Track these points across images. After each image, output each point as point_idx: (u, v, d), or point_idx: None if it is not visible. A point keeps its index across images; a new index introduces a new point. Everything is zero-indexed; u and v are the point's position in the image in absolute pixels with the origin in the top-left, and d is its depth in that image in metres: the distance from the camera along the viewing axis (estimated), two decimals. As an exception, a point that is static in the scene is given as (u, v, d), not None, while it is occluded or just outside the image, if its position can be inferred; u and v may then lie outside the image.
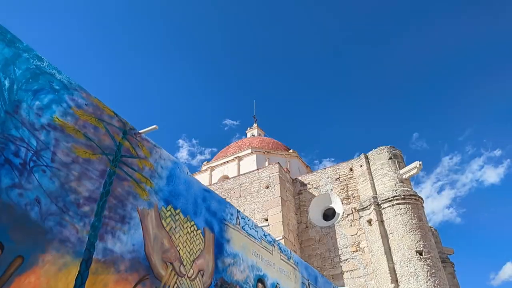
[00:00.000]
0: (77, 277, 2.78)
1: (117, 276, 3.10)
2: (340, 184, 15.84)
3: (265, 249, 5.75)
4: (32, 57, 2.89)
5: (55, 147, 2.86)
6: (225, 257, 4.71)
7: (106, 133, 3.35)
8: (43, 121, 2.83)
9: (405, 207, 13.14)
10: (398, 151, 15.17)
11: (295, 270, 6.58)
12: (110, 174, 3.30)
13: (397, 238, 12.67)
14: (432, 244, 12.64)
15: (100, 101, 3.36)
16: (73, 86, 3.14)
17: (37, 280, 2.51)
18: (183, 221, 4.13)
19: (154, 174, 3.87)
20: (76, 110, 3.11)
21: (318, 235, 15.20)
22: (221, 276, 4.51)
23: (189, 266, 4.00)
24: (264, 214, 15.15)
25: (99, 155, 3.23)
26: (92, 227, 3.01)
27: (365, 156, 15.57)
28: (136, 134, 3.73)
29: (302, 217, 16.00)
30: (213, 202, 4.88)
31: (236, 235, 5.14)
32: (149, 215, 3.65)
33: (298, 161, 22.64)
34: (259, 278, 5.31)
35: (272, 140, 24.51)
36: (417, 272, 11.77)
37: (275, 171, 16.23)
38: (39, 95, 2.86)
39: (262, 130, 28.24)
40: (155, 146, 4.00)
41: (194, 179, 4.64)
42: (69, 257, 2.76)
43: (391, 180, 14.14)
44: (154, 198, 3.78)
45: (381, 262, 12.64)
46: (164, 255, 3.69)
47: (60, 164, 2.86)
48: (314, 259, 14.65)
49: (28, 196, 2.58)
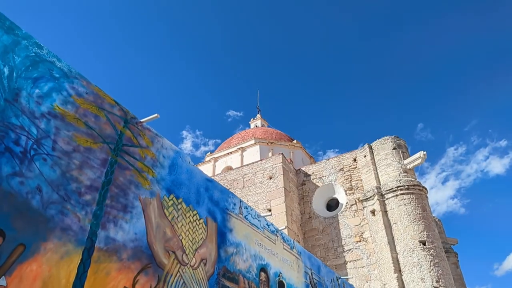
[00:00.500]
0: (79, 265, 2.78)
1: (119, 265, 3.11)
2: (344, 174, 15.81)
3: (268, 239, 5.76)
4: (32, 44, 2.86)
5: (56, 135, 2.85)
6: (227, 246, 4.72)
7: (107, 122, 3.33)
8: (43, 110, 2.81)
9: (409, 198, 13.11)
10: (402, 141, 15.08)
11: (298, 260, 6.60)
12: (111, 163, 3.29)
13: (401, 228, 12.66)
14: (436, 234, 12.62)
15: (101, 90, 3.33)
16: (73, 74, 3.11)
17: (39, 268, 2.51)
18: (185, 210, 4.13)
19: (156, 163, 3.86)
20: (76, 98, 3.09)
21: (322, 225, 15.23)
22: (224, 265, 4.53)
23: (191, 255, 4.01)
24: (268, 205, 15.18)
25: (100, 144, 3.22)
26: (94, 215, 3.01)
27: (369, 146, 15.50)
28: (137, 123, 3.70)
29: (305, 208, 16.02)
30: (216, 192, 4.88)
31: (239, 225, 5.14)
32: (151, 204, 3.65)
33: (301, 151, 22.60)
34: (262, 267, 5.32)
35: (275, 131, 24.45)
36: (420, 262, 11.78)
37: (278, 161, 16.21)
38: (39, 83, 2.84)
39: (266, 121, 28.17)
40: (157, 136, 3.98)
41: (196, 169, 4.62)
42: (71, 246, 2.76)
43: (395, 171, 14.09)
44: (156, 187, 3.78)
45: (384, 252, 12.66)
46: (167, 244, 3.70)
47: (61, 152, 2.85)
48: (318, 249, 14.70)
49: (29, 185, 2.58)
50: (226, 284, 4.46)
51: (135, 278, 3.23)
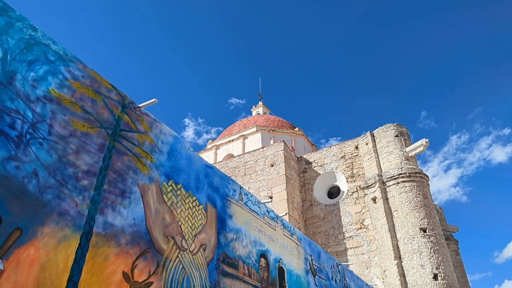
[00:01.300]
0: (77, 249, 2.78)
1: (118, 249, 3.10)
2: (346, 162, 15.79)
3: (268, 225, 5.76)
4: (26, 26, 2.80)
5: (52, 119, 2.81)
6: (227, 232, 4.72)
7: (104, 107, 3.29)
8: (38, 93, 2.77)
9: (410, 185, 13.10)
10: (404, 129, 15.00)
11: (298, 246, 6.62)
12: (109, 148, 3.26)
13: (402, 215, 12.69)
14: (436, 221, 12.64)
15: (98, 74, 3.28)
16: (69, 57, 3.06)
17: (36, 252, 2.50)
18: (184, 196, 4.11)
19: (154, 149, 3.83)
20: (72, 82, 3.04)
21: (323, 212, 15.28)
22: (224, 250, 4.53)
23: (191, 240, 4.01)
24: (269, 192, 15.22)
25: (98, 129, 3.18)
26: (92, 201, 2.99)
27: (371, 133, 15.43)
28: (135, 108, 3.66)
29: (306, 195, 16.05)
30: (216, 178, 4.86)
31: (239, 211, 5.14)
32: (150, 190, 3.63)
33: (303, 139, 22.55)
34: (261, 253, 5.34)
35: (277, 118, 24.37)
36: (421, 248, 11.83)
37: (280, 149, 16.18)
38: (34, 66, 2.79)
39: (268, 108, 28.05)
40: (155, 121, 3.94)
41: (196, 155, 4.60)
42: (69, 230, 2.75)
43: (396, 158, 14.05)
44: (155, 173, 3.75)
45: (385, 239, 12.71)
46: (166, 229, 3.69)
47: (58, 137, 2.82)
48: (318, 236, 14.77)
49: (25, 169, 2.55)
50: (226, 269, 4.47)
51: (134, 263, 3.24)
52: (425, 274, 11.42)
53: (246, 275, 4.83)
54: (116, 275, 3.04)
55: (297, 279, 6.20)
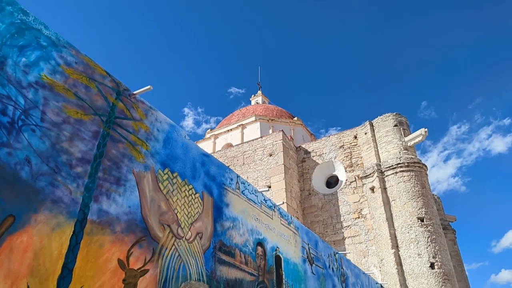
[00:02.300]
0: (71, 237, 2.76)
1: (113, 237, 3.09)
2: (344, 151, 15.78)
3: (265, 214, 5.77)
4: (17, 10, 2.75)
5: (45, 106, 2.77)
6: (224, 221, 4.72)
7: (98, 93, 3.25)
8: (30, 79, 2.73)
9: (408, 175, 13.12)
10: (403, 118, 14.95)
11: (295, 235, 6.64)
12: (103, 136, 3.23)
13: (399, 205, 12.73)
14: (434, 211, 12.70)
15: (91, 60, 3.23)
16: (62, 43, 3.00)
17: (30, 239, 2.49)
18: (180, 184, 4.09)
19: (150, 136, 3.79)
20: (65, 68, 2.99)
21: (321, 202, 15.32)
22: (220, 239, 4.54)
23: (187, 228, 4.00)
24: (267, 182, 15.23)
25: (92, 116, 3.15)
26: (86, 188, 2.97)
27: (370, 123, 15.40)
28: (130, 95, 3.62)
29: (305, 185, 16.08)
30: (212, 167, 4.84)
31: (236, 200, 5.13)
32: (146, 178, 3.61)
33: (302, 129, 22.51)
34: (258, 241, 5.35)
35: (276, 108, 24.29)
36: (418, 238, 11.90)
37: (278, 139, 16.15)
38: (26, 51, 2.74)
39: (267, 98, 27.94)
40: (151, 108, 3.90)
41: (192, 143, 4.57)
42: (63, 218, 2.73)
43: (395, 148, 14.04)
44: (151, 161, 3.73)
45: (382, 228, 12.77)
46: (161, 217, 3.68)
47: (51, 123, 2.78)
48: (316, 226, 14.84)
49: (18, 156, 2.52)
50: (222, 257, 4.48)
51: (129, 251, 3.23)
52: (422, 263, 11.51)
53: (242, 263, 4.85)
54: (111, 263, 3.04)
55: (294, 268, 6.23)
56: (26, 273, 2.43)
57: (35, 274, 2.48)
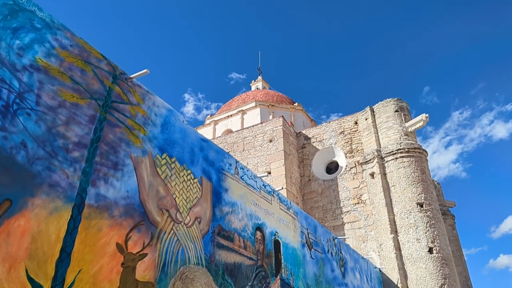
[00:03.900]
0: (69, 221, 2.77)
1: (111, 221, 3.10)
2: (344, 137, 15.75)
3: (264, 199, 5.78)
4: (9, -8, 2.69)
5: (40, 89, 2.74)
6: (223, 206, 4.73)
7: (94, 77, 3.21)
8: (25, 62, 2.69)
9: (408, 160, 13.11)
10: (404, 104, 14.86)
11: (294, 220, 6.66)
12: (100, 120, 3.21)
13: (399, 190, 12.76)
14: (434, 196, 12.73)
15: (87, 43, 3.18)
16: (56, 25, 2.95)
17: (27, 223, 2.49)
18: (179, 169, 4.09)
19: (147, 121, 3.77)
20: (60, 51, 2.95)
21: (321, 188, 15.37)
22: (219, 223, 4.55)
23: (185, 213, 4.01)
24: (267, 168, 15.25)
25: (88, 100, 3.11)
26: (83, 172, 2.96)
27: (371, 109, 15.31)
28: (127, 79, 3.58)
29: (305, 171, 16.11)
30: (211, 152, 4.82)
31: (235, 185, 5.13)
32: (143, 163, 3.60)
33: (302, 114, 22.43)
34: (257, 226, 5.37)
35: (276, 93, 24.15)
36: (417, 223, 11.97)
37: (278, 124, 16.10)
38: (19, 33, 2.70)
39: (267, 83, 27.74)
40: (148, 93, 3.87)
41: (191, 128, 4.54)
42: (60, 202, 2.73)
43: (396, 133, 13.99)
44: (148, 145, 3.71)
45: (381, 214, 12.84)
46: (160, 202, 3.68)
47: (46, 107, 2.76)
48: (316, 211, 14.92)
49: (13, 140, 2.51)
50: (221, 242, 4.51)
51: (128, 235, 3.24)
52: (421, 248, 11.60)
53: (241, 247, 4.88)
54: (109, 246, 3.05)
55: (293, 252, 6.28)
56: (24, 257, 2.44)
57: (33, 257, 2.49)
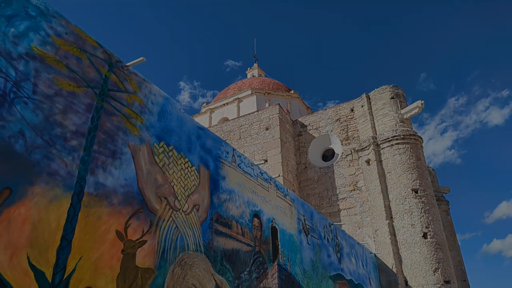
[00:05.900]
0: (69, 209, 2.79)
1: (110, 209, 3.13)
2: (341, 125, 15.79)
3: (261, 186, 5.82)
4: (2, -21, 2.65)
5: (36, 78, 2.73)
6: (220, 193, 4.76)
7: (90, 65, 3.19)
8: (20, 50, 2.67)
9: (404, 147, 13.20)
10: (400, 90, 14.89)
11: (291, 207, 6.73)
12: (97, 109, 3.20)
13: (394, 177, 12.88)
14: (428, 182, 12.86)
15: (82, 30, 3.15)
16: (51, 12, 2.92)
17: (27, 212, 2.51)
18: (176, 157, 4.11)
19: (144, 109, 3.77)
20: (55, 39, 2.93)
21: (317, 175, 15.47)
22: (217, 211, 4.60)
23: (184, 201, 4.04)
24: (264, 156, 15.30)
25: (84, 88, 3.11)
26: (82, 161, 2.97)
27: (367, 96, 15.33)
28: (123, 67, 3.56)
29: (301, 158, 16.18)
30: (208, 140, 4.84)
31: (232, 173, 5.17)
32: (141, 151, 3.61)
33: (299, 102, 22.41)
34: (255, 213, 5.43)
35: (272, 81, 24.06)
36: (412, 209, 12.12)
37: (275, 112, 16.09)
38: (14, 21, 2.67)
39: (263, 71, 27.60)
40: (145, 81, 3.85)
41: (188, 116, 4.55)
42: (59, 190, 2.75)
43: (391, 120, 14.05)
44: (146, 134, 3.72)
45: (377, 200, 12.97)
46: (158, 190, 3.71)
47: (43, 96, 2.75)
48: (312, 198, 15.05)
49: (11, 129, 2.51)
50: (219, 229, 4.56)
51: (127, 223, 3.28)
52: (415, 233, 11.78)
53: (239, 234, 4.94)
54: (109, 234, 3.08)
55: (290, 238, 6.36)
56: (26, 244, 2.47)
57: (34, 245, 2.52)
